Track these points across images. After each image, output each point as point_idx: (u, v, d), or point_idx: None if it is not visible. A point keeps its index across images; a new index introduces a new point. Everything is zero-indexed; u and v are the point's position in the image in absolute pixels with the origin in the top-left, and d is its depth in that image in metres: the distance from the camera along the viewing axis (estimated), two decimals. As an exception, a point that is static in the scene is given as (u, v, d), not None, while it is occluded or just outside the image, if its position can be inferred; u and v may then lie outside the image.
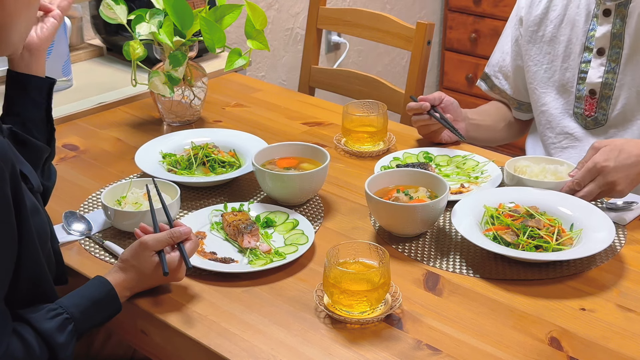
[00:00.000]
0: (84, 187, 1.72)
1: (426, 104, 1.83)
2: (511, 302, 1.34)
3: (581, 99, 1.85)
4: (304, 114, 2.09)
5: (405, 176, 1.60)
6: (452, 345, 1.23)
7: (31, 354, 1.16)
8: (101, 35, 2.42)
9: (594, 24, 1.81)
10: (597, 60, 1.82)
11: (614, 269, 1.42)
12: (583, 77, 1.84)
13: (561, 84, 1.89)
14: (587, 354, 1.21)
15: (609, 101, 1.82)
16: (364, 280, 1.28)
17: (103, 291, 1.27)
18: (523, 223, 1.44)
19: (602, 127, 1.84)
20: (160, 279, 1.34)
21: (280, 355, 1.22)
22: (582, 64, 1.85)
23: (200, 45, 1.95)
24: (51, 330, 1.19)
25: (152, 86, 1.88)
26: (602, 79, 1.82)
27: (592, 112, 1.83)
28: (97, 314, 1.26)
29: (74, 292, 1.26)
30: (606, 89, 1.81)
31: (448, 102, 1.86)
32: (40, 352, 1.18)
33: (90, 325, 1.26)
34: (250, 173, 1.70)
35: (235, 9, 1.89)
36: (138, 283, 1.32)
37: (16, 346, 1.15)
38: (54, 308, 1.22)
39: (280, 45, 3.29)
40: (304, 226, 1.52)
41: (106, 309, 1.28)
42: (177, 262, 1.32)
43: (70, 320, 1.21)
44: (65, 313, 1.21)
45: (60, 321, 1.20)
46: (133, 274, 1.31)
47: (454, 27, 3.85)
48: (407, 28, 2.34)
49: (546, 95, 1.91)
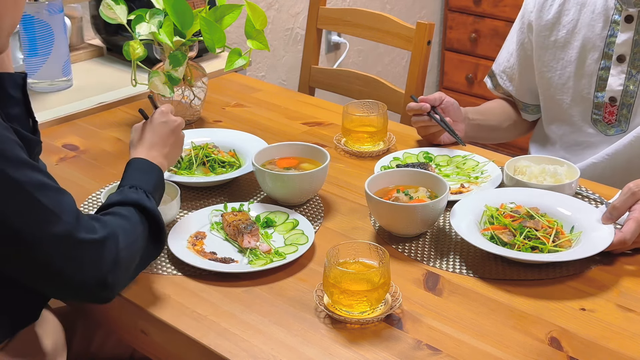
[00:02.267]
0: (84, 187, 1.72)
1: (426, 105, 1.81)
2: (511, 302, 1.34)
3: (600, 106, 1.82)
4: (304, 114, 2.09)
5: (405, 176, 1.60)
6: (452, 345, 1.23)
7: (126, 217, 1.29)
8: (101, 35, 2.42)
9: (614, 30, 1.77)
10: (617, 68, 1.78)
11: (614, 269, 1.42)
12: (601, 85, 1.81)
13: (576, 91, 1.86)
14: (587, 354, 1.22)
15: (631, 108, 1.79)
16: (364, 280, 1.28)
17: (132, 163, 1.45)
18: (521, 224, 1.44)
19: (623, 133, 1.81)
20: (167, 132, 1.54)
21: (280, 355, 1.22)
22: (600, 71, 1.81)
23: (200, 45, 1.95)
24: (124, 197, 1.33)
25: (152, 86, 1.88)
26: (622, 87, 1.78)
27: (613, 120, 1.81)
28: (147, 176, 1.43)
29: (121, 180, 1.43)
30: (627, 97, 1.78)
31: (448, 103, 1.85)
32: (131, 212, 1.31)
33: (152, 186, 1.41)
34: (250, 173, 1.70)
35: (235, 9, 1.89)
36: (148, 142, 1.51)
37: (116, 220, 1.27)
38: (115, 188, 1.42)
39: (280, 45, 3.29)
40: (304, 226, 1.52)
41: (147, 169, 1.45)
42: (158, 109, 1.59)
43: (134, 187, 1.37)
44: (126, 186, 1.38)
45: (126, 190, 1.36)
46: (137, 140, 1.53)
47: (454, 27, 3.85)
48: (407, 28, 2.34)
49: (563, 102, 1.89)
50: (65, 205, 1.19)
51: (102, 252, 1.20)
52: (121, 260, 1.23)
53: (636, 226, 1.41)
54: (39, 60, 2.14)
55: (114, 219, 1.27)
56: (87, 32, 2.51)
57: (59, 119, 2.04)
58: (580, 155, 1.89)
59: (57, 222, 1.17)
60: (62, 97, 2.15)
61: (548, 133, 1.98)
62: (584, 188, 1.67)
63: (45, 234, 1.16)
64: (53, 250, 1.17)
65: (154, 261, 1.44)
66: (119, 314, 1.39)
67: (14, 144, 1.17)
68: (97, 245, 1.20)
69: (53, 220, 1.17)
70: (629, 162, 1.79)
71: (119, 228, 1.25)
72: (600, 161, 1.83)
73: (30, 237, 1.15)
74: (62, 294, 1.31)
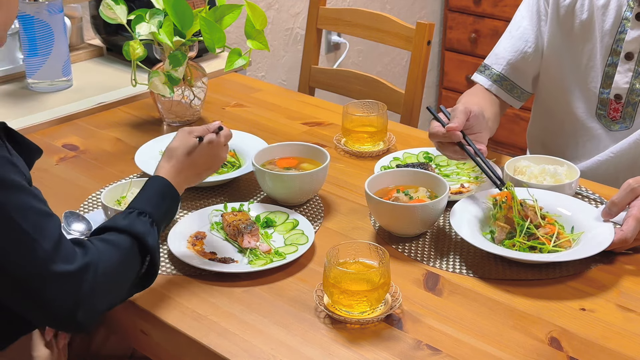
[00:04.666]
0: (84, 187, 1.72)
1: (457, 135, 1.54)
2: (511, 302, 1.34)
3: (605, 102, 1.81)
4: (304, 114, 2.09)
5: (405, 176, 1.60)
6: (452, 345, 1.23)
7: (119, 246, 1.24)
8: (101, 35, 2.42)
9: (624, 27, 1.75)
10: (624, 65, 1.76)
11: (614, 269, 1.42)
12: (608, 81, 1.79)
13: (583, 84, 1.84)
14: (587, 354, 1.22)
15: (636, 106, 1.77)
16: (364, 280, 1.28)
17: (158, 182, 1.38)
18: (521, 218, 1.44)
19: (627, 129, 1.80)
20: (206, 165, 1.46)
21: (280, 355, 1.22)
22: (607, 67, 1.79)
23: (200, 45, 1.95)
24: (129, 225, 1.27)
25: (152, 86, 1.88)
26: (629, 85, 1.76)
27: (618, 116, 1.79)
28: (162, 201, 1.36)
29: (136, 196, 1.36)
30: (633, 95, 1.76)
31: (474, 119, 1.59)
32: (128, 244, 1.25)
33: (162, 214, 1.35)
34: (250, 173, 1.70)
35: (235, 9, 1.89)
36: (184, 166, 1.42)
37: (105, 248, 1.22)
38: (124, 211, 1.32)
39: (280, 45, 3.29)
40: (304, 226, 1.52)
41: (167, 195, 1.38)
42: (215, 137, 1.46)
43: (143, 213, 1.31)
44: (135, 210, 1.31)
45: (134, 216, 1.29)
46: (176, 158, 1.42)
47: (454, 27, 3.85)
48: (407, 28, 2.34)
49: (569, 93, 1.86)
50: (46, 231, 1.15)
51: (75, 284, 1.15)
52: (98, 290, 1.18)
53: (636, 224, 1.41)
54: (39, 60, 2.14)
55: (103, 246, 1.22)
56: (87, 32, 2.51)
57: (59, 119, 2.04)
58: (582, 149, 1.88)
59: (34, 249, 1.13)
60: (62, 97, 2.15)
61: (548, 125, 1.96)
62: (584, 188, 1.67)
63: (20, 260, 1.12)
64: (25, 277, 1.13)
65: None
66: (119, 314, 1.39)
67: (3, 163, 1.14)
68: (69, 279, 1.14)
69: (30, 247, 1.13)
70: (634, 161, 1.79)
71: (105, 256, 1.20)
72: (604, 159, 1.82)
73: (3, 260, 1.12)
74: (35, 319, 1.29)
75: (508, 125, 3.57)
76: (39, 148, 1.41)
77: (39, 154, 1.41)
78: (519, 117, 3.57)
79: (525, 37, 1.89)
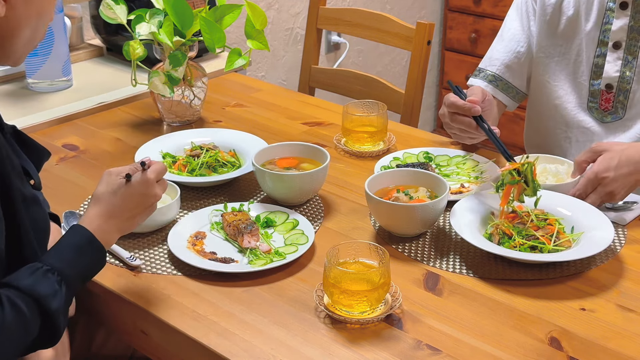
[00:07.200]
0: (84, 187, 1.72)
1: (477, 108, 1.59)
2: (511, 302, 1.34)
3: (595, 94, 1.82)
4: (304, 114, 2.09)
5: (405, 176, 1.60)
6: (452, 345, 1.23)
7: (13, 308, 1.10)
8: (101, 35, 2.42)
9: (609, 18, 1.78)
10: (613, 55, 1.78)
11: (614, 269, 1.42)
12: (597, 72, 1.81)
13: (574, 77, 1.85)
14: (587, 354, 1.22)
15: (627, 95, 1.78)
16: (364, 280, 1.28)
17: (77, 233, 1.23)
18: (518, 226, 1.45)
19: (620, 120, 1.81)
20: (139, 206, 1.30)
21: (280, 355, 1.22)
22: (596, 58, 1.81)
23: (200, 45, 1.95)
24: (32, 285, 1.13)
25: (152, 86, 1.88)
26: (619, 73, 1.78)
27: (609, 107, 1.80)
28: (79, 257, 1.20)
29: (51, 248, 1.21)
30: (624, 83, 1.78)
31: (488, 103, 1.70)
32: (27, 308, 1.12)
33: (77, 271, 1.20)
34: (250, 173, 1.70)
35: (235, 9, 1.89)
36: (113, 210, 1.27)
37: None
38: (32, 265, 1.16)
39: (280, 45, 3.29)
40: (304, 226, 1.52)
41: (87, 250, 1.22)
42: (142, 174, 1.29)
43: (52, 270, 1.16)
44: (44, 266, 1.16)
45: (40, 274, 1.15)
46: (104, 202, 1.27)
47: (454, 27, 3.85)
48: (407, 28, 2.34)
49: (559, 89, 1.88)
50: None
51: None
52: None
53: (587, 183, 1.54)
54: (39, 60, 2.14)
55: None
56: (87, 32, 2.51)
57: (59, 119, 2.04)
58: (576, 144, 1.89)
59: None
60: (62, 97, 2.15)
61: (541, 124, 1.95)
62: (584, 188, 1.67)
63: None
64: None
65: (154, 261, 1.44)
66: (119, 314, 1.40)
67: None
68: None
69: None
70: None
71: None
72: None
73: None
74: None
75: (508, 125, 3.57)
76: (47, 150, 1.41)
77: (47, 156, 1.41)
78: (519, 117, 3.57)
79: (517, 38, 1.92)
